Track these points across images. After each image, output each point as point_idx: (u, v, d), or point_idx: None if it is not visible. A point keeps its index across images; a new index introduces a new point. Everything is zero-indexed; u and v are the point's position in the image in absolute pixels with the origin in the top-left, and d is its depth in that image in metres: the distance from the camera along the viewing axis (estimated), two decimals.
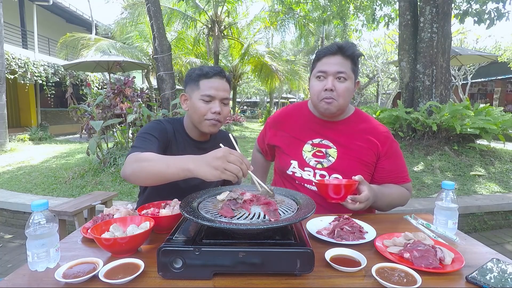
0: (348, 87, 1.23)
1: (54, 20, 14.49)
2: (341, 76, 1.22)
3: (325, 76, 1.24)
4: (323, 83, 1.24)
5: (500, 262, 0.80)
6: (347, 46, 1.23)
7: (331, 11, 8.25)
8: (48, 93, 10.63)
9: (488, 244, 2.63)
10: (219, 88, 1.26)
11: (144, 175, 0.96)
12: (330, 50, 1.24)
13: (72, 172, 4.40)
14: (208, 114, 1.25)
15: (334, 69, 1.21)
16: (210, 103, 1.25)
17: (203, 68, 1.29)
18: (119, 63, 8.80)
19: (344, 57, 1.23)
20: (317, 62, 1.28)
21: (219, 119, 1.26)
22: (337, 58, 1.23)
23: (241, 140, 8.36)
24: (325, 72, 1.23)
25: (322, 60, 1.25)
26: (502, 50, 14.16)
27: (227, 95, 1.28)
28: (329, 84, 1.21)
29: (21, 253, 2.78)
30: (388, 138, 1.33)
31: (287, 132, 1.41)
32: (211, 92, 1.24)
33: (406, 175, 1.33)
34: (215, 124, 1.27)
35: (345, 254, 0.83)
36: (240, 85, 20.42)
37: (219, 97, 1.25)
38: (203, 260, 0.73)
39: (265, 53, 13.28)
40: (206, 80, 1.25)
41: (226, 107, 1.30)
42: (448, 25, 5.20)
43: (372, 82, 20.21)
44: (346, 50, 1.22)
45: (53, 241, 0.80)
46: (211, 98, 1.25)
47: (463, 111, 4.73)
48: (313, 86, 1.28)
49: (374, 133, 1.32)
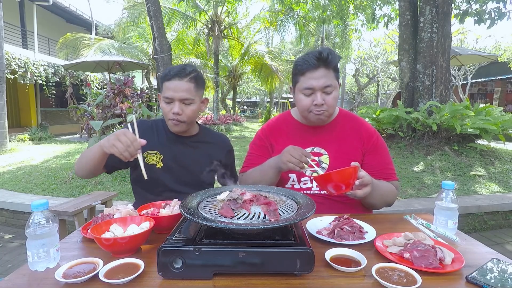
0: (335, 96, 1.26)
1: (54, 20, 14.49)
2: (328, 90, 1.23)
3: (313, 92, 1.24)
4: (311, 98, 1.24)
5: (500, 262, 0.80)
6: (327, 57, 1.21)
7: (331, 11, 8.25)
8: (48, 93, 10.64)
9: (488, 244, 2.63)
10: (177, 89, 1.28)
11: (80, 164, 1.25)
12: (311, 64, 1.22)
13: (72, 172, 4.39)
14: (170, 114, 1.30)
15: (321, 83, 1.21)
16: (171, 104, 1.30)
17: (166, 69, 1.33)
18: (119, 63, 8.81)
19: (327, 68, 1.22)
20: (300, 76, 1.26)
21: (179, 119, 1.30)
22: (321, 71, 1.21)
23: (241, 140, 8.36)
24: (313, 88, 1.23)
25: (305, 75, 1.24)
26: (502, 50, 14.16)
27: (186, 95, 1.28)
28: (319, 100, 1.22)
29: (21, 253, 2.78)
30: (373, 135, 1.35)
31: (279, 145, 1.38)
32: (169, 94, 1.28)
33: (393, 173, 1.33)
34: (177, 124, 1.32)
35: (345, 254, 0.83)
36: (240, 85, 20.42)
37: (177, 98, 1.28)
38: (203, 260, 0.73)
39: (265, 53, 13.29)
40: (167, 82, 1.30)
41: (189, 107, 1.31)
42: (448, 25, 5.20)
43: (372, 82, 20.21)
44: (329, 62, 1.21)
45: (53, 241, 0.80)
46: (170, 100, 1.29)
47: (463, 111, 4.73)
48: (301, 100, 1.27)
49: (359, 130, 1.35)
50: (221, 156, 1.46)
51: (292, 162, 1.11)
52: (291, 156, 1.11)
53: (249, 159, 1.44)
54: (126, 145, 1.01)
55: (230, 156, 1.53)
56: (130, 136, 1.03)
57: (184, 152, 1.39)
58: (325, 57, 1.21)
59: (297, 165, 1.11)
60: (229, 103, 19.35)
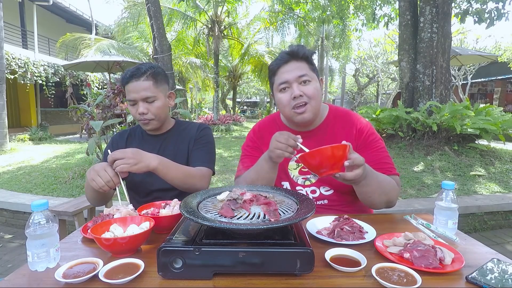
0: (315, 87, 1.19)
1: (54, 20, 14.49)
2: (304, 80, 1.17)
3: (288, 86, 1.18)
4: (289, 93, 1.18)
5: (500, 262, 0.80)
6: (296, 49, 1.19)
7: (331, 11, 8.26)
8: (48, 93, 10.64)
9: (488, 244, 2.63)
10: (137, 90, 1.29)
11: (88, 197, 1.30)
12: (281, 59, 1.20)
13: (72, 172, 4.40)
14: (137, 115, 1.32)
15: (294, 74, 1.17)
16: (135, 105, 1.32)
17: (124, 73, 1.35)
18: (119, 63, 8.79)
19: (298, 60, 1.19)
20: (273, 76, 1.23)
21: (146, 117, 1.32)
22: (292, 64, 1.19)
23: (241, 140, 8.35)
24: (287, 81, 1.18)
25: (278, 72, 1.21)
26: (502, 50, 14.18)
27: (147, 93, 1.29)
28: (296, 91, 1.16)
29: (21, 253, 2.78)
30: (364, 130, 1.25)
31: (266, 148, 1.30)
32: (131, 96, 1.31)
33: (392, 167, 1.22)
34: (147, 123, 1.34)
35: (345, 254, 0.83)
36: (240, 85, 20.43)
37: (139, 98, 1.29)
38: (203, 260, 0.73)
39: (265, 53, 13.30)
40: (126, 85, 1.32)
41: (153, 104, 1.31)
42: (448, 25, 5.20)
43: (372, 82, 20.22)
44: (297, 53, 1.18)
45: (53, 241, 0.80)
46: (133, 102, 1.32)
47: (463, 111, 4.73)
48: (280, 99, 1.21)
49: (351, 127, 1.26)
50: (197, 134, 1.44)
51: (278, 148, 1.03)
52: (278, 142, 1.03)
53: (244, 161, 1.36)
54: (106, 180, 1.05)
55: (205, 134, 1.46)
56: (109, 171, 1.06)
57: (162, 149, 1.40)
58: (294, 50, 1.19)
59: (285, 150, 1.02)
60: (229, 103, 19.37)
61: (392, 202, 1.17)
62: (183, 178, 1.22)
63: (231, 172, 4.49)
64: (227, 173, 4.43)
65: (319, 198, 1.27)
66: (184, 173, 1.24)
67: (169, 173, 1.19)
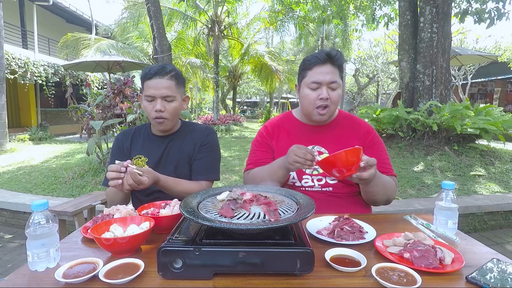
0: (339, 94, 1.30)
1: (54, 20, 14.49)
2: (333, 86, 1.27)
3: (319, 86, 1.27)
4: (317, 93, 1.28)
5: (500, 262, 0.80)
6: (336, 55, 1.27)
7: (331, 11, 8.26)
8: (48, 93, 10.63)
9: (488, 244, 2.63)
10: (159, 87, 1.30)
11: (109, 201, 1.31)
12: (320, 59, 1.27)
13: (72, 172, 4.40)
14: (152, 112, 1.32)
15: (328, 79, 1.26)
16: (153, 102, 1.32)
17: (146, 69, 1.35)
18: (119, 63, 8.79)
19: (334, 65, 1.28)
20: (307, 71, 1.30)
21: (162, 116, 1.32)
22: (328, 67, 1.27)
23: (241, 140, 8.36)
24: (319, 82, 1.27)
25: (313, 70, 1.28)
26: (502, 50, 14.16)
27: (168, 92, 1.31)
28: (325, 94, 1.26)
29: (21, 253, 2.78)
30: (371, 132, 1.39)
31: (280, 144, 1.41)
32: (151, 92, 1.30)
33: (391, 168, 1.35)
34: (161, 122, 1.34)
35: (345, 254, 0.83)
36: (240, 85, 20.41)
37: (159, 95, 1.30)
38: (203, 260, 0.73)
39: (265, 53, 13.28)
40: (147, 81, 1.32)
41: (171, 103, 1.33)
42: (448, 25, 5.20)
43: (372, 82, 20.20)
44: (336, 60, 1.27)
45: (53, 241, 0.80)
46: (152, 98, 1.31)
47: (463, 111, 4.73)
48: (308, 95, 1.30)
49: (358, 129, 1.39)
50: (202, 139, 1.44)
51: (298, 162, 1.12)
52: (296, 156, 1.12)
53: (253, 156, 1.44)
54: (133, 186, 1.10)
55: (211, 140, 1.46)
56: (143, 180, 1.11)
57: (168, 150, 1.40)
58: (334, 54, 1.27)
59: (303, 163, 1.11)
60: (229, 103, 19.34)
61: (390, 200, 1.31)
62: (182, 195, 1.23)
63: (231, 172, 4.49)
64: (227, 173, 4.43)
65: (324, 186, 1.34)
66: (184, 190, 1.28)
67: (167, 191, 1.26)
